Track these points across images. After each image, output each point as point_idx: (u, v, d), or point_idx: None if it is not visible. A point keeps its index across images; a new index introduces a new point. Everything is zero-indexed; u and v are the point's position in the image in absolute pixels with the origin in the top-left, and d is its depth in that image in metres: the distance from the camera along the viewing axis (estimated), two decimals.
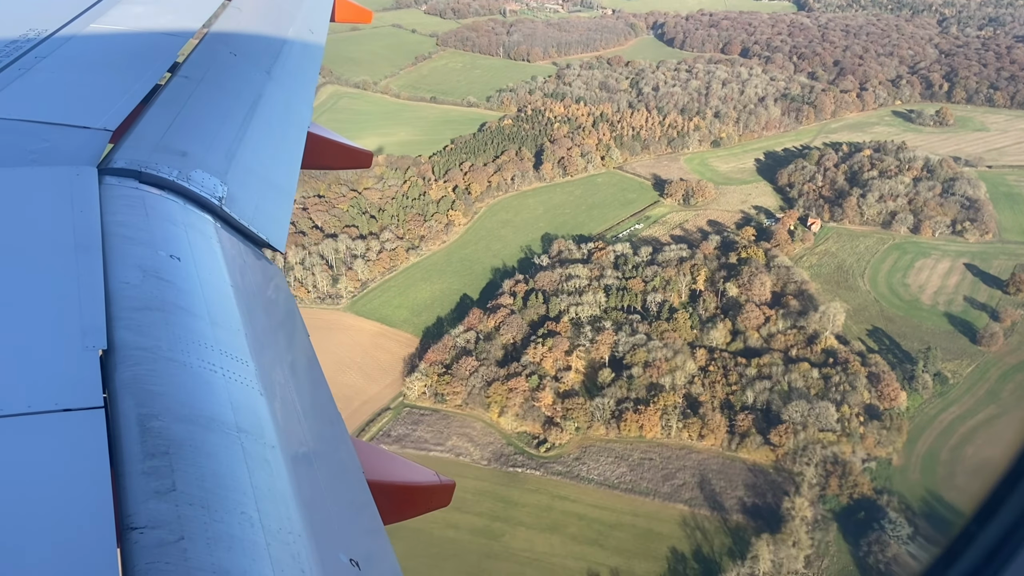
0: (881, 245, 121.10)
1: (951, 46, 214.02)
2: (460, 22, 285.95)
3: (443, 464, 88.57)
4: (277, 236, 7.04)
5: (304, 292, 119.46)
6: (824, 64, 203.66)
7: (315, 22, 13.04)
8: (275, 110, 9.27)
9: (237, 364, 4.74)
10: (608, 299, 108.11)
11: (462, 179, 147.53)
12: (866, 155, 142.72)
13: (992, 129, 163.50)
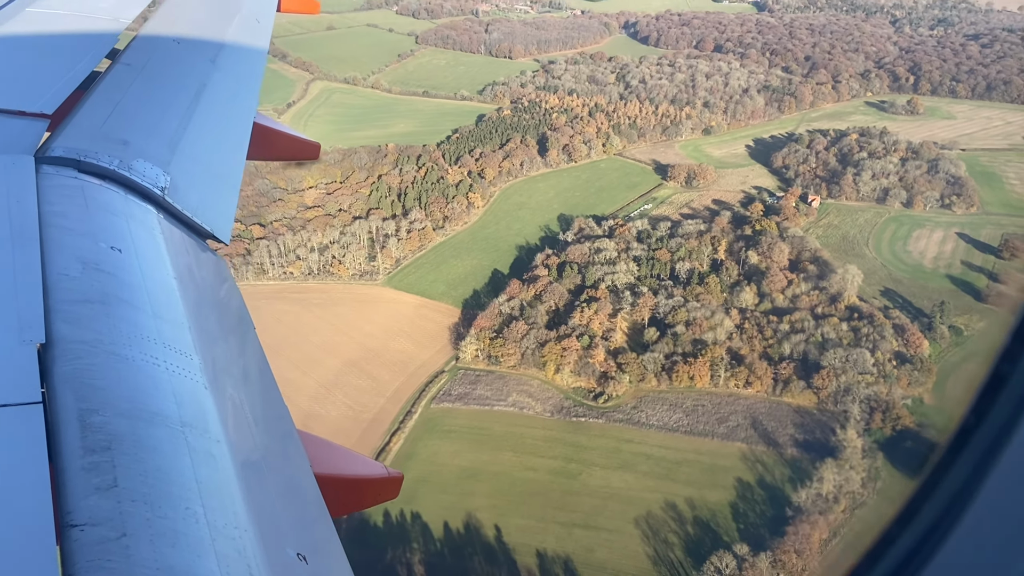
0: (879, 218, 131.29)
1: (909, 44, 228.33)
2: (435, 22, 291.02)
3: (509, 417, 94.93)
4: (222, 227, 6.96)
5: (343, 269, 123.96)
6: (796, 59, 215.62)
7: (261, 11, 12.86)
8: (220, 99, 9.08)
9: (181, 358, 4.65)
10: (640, 268, 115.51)
11: (474, 165, 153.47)
12: (853, 139, 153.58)
13: (959, 117, 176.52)
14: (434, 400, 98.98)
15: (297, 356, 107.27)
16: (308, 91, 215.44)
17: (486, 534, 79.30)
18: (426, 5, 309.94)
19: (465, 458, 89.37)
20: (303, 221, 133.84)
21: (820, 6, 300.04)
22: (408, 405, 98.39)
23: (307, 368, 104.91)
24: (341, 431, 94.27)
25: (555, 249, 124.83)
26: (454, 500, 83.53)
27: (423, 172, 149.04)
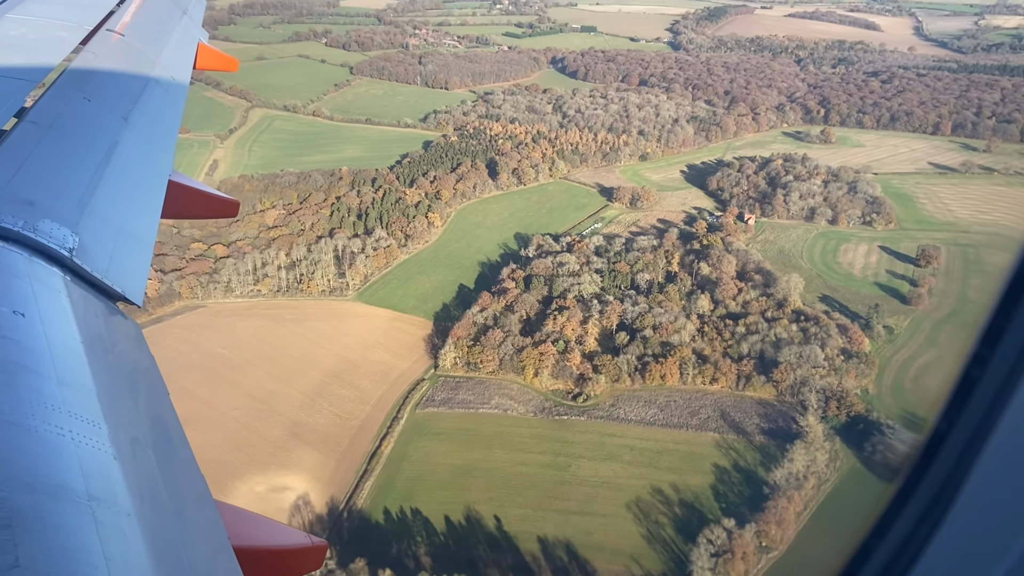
0: (809, 234, 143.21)
1: (816, 80, 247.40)
2: (367, 54, 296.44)
3: (494, 418, 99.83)
4: (134, 289, 6.84)
5: (314, 286, 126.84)
6: (717, 93, 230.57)
7: (177, 69, 12.82)
8: (133, 157, 9.02)
9: (88, 427, 4.50)
10: (603, 280, 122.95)
11: (430, 187, 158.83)
12: (779, 164, 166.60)
13: (867, 145, 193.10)
14: (419, 406, 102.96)
15: (277, 369, 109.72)
16: (248, 118, 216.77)
17: (487, 524, 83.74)
18: (356, 38, 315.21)
19: (457, 457, 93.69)
20: (267, 240, 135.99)
21: (730, 46, 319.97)
22: (393, 411, 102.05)
23: (289, 380, 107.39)
24: (331, 437, 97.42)
25: (519, 264, 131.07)
26: (451, 495, 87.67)
27: (381, 193, 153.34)
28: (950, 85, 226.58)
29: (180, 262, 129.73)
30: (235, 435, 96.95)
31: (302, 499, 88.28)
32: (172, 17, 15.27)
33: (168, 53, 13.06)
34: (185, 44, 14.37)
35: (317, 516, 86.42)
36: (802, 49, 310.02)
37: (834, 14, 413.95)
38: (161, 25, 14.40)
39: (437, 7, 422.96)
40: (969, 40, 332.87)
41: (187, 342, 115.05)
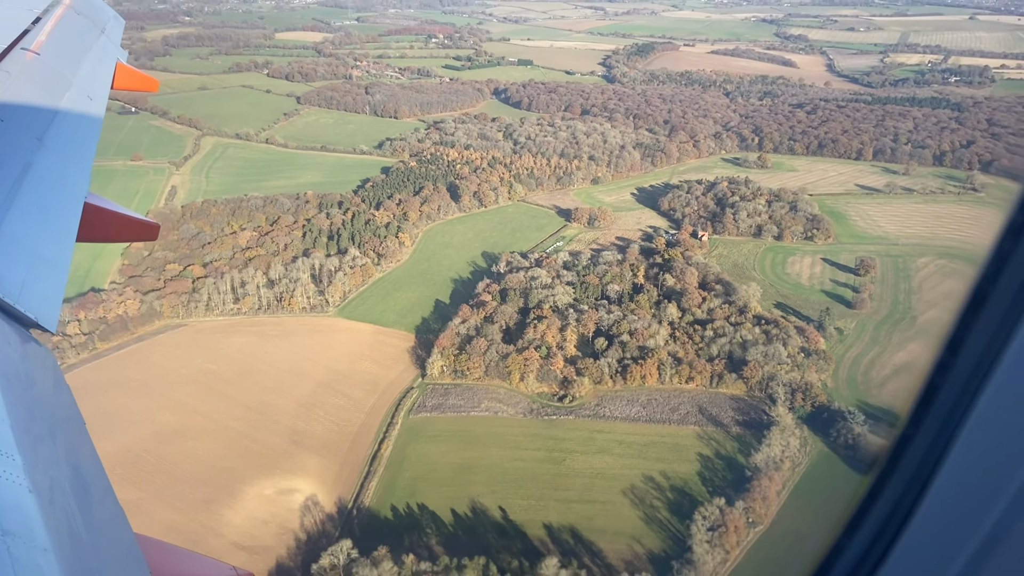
0: (758, 249, 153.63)
1: (746, 111, 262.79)
2: (311, 84, 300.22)
3: (485, 421, 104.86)
4: (48, 315, 6.72)
5: (295, 302, 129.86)
6: (657, 122, 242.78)
7: (94, 89, 12.65)
8: (47, 180, 8.75)
9: (2, 459, 4.40)
10: (575, 291, 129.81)
11: (396, 209, 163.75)
12: (724, 186, 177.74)
13: (800, 170, 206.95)
14: (411, 412, 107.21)
15: (268, 382, 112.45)
16: (200, 146, 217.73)
17: (493, 515, 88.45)
18: (299, 69, 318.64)
19: (455, 456, 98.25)
20: (244, 260, 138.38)
21: (662, 80, 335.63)
22: (387, 418, 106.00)
23: (281, 391, 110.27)
24: (331, 443, 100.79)
25: (492, 279, 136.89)
26: (455, 491, 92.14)
27: (350, 215, 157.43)
28: (867, 115, 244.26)
29: (157, 282, 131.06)
30: (236, 443, 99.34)
31: (311, 500, 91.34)
32: (89, 36, 14.90)
33: (85, 72, 12.85)
34: (103, 63, 14.11)
35: (327, 515, 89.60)
36: (729, 83, 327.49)
37: (753, 51, 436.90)
38: (78, 44, 14.03)
39: (374, 40, 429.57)
40: (877, 76, 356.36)
41: (174, 359, 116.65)
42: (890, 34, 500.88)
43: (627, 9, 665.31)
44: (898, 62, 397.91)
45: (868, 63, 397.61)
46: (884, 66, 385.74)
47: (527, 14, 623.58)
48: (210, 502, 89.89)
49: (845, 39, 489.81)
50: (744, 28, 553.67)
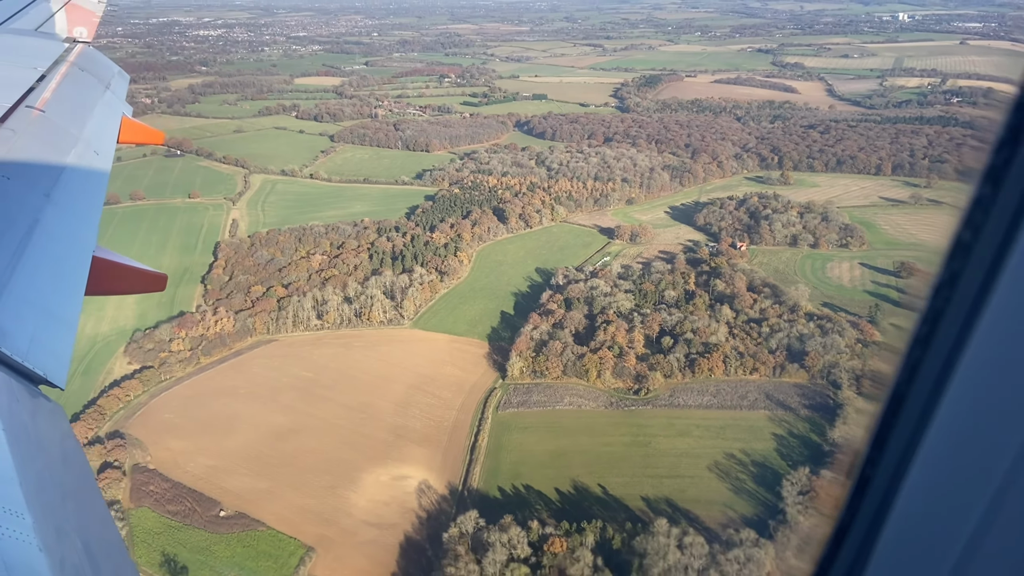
0: (796, 256, 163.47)
1: (761, 133, 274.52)
2: (339, 124, 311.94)
3: (570, 414, 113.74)
4: (56, 370, 6.76)
5: (374, 316, 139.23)
6: (678, 146, 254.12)
7: (101, 144, 12.84)
8: (55, 235, 8.89)
9: (10, 518, 4.40)
10: (634, 298, 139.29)
11: (450, 231, 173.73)
12: (755, 200, 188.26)
13: (822, 185, 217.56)
14: (498, 408, 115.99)
15: (363, 386, 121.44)
16: (250, 183, 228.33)
17: (594, 491, 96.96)
18: (326, 110, 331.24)
19: (548, 444, 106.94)
20: (321, 280, 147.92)
21: (674, 108, 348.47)
22: (477, 414, 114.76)
23: (376, 394, 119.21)
24: (430, 436, 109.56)
25: (553, 290, 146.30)
26: (554, 472, 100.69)
27: (409, 238, 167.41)
28: (880, 134, 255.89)
29: (246, 302, 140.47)
30: (346, 439, 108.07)
31: (423, 484, 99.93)
32: (94, 92, 15.28)
33: (91, 128, 13.10)
34: (108, 119, 14.46)
35: (441, 496, 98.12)
36: (738, 109, 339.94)
37: (754, 79, 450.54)
38: (83, 100, 14.40)
39: (389, 82, 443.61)
40: (879, 98, 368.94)
41: (273, 369, 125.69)
42: (884, 60, 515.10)
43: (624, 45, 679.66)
44: (898, 85, 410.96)
45: (868, 87, 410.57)
46: (884, 89, 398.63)
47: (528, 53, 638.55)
48: (334, 488, 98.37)
49: (841, 65, 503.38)
50: (741, 58, 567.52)
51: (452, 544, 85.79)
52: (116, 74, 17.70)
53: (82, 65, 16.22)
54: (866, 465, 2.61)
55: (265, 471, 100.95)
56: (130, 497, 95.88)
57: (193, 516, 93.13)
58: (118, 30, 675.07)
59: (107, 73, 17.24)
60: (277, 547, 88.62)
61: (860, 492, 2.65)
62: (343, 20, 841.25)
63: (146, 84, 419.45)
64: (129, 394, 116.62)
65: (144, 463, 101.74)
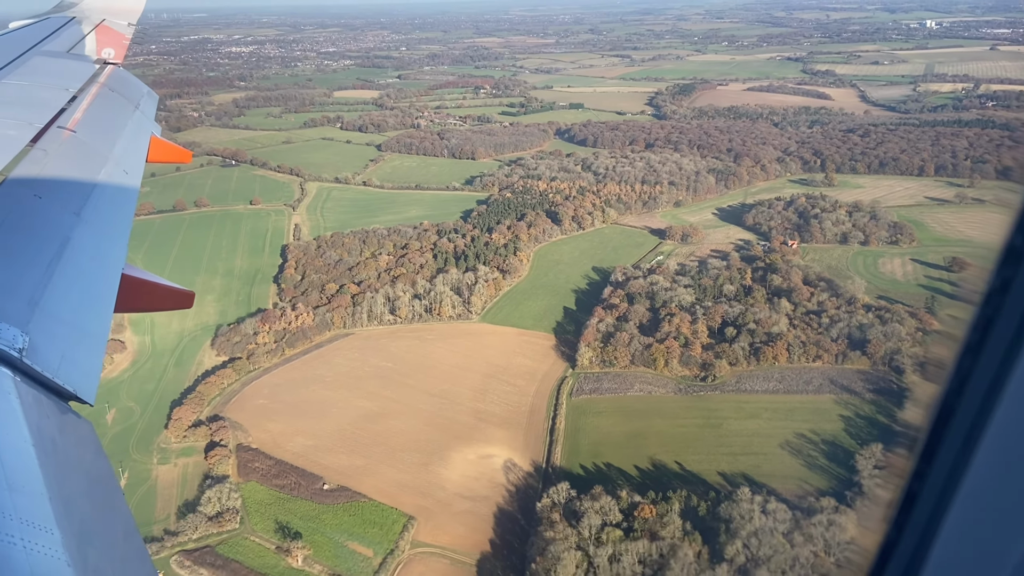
0: (847, 253, 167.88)
1: (801, 138, 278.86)
2: (384, 134, 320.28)
3: (642, 399, 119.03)
4: (86, 387, 6.87)
5: (444, 311, 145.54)
6: (720, 151, 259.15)
7: (130, 163, 13.01)
8: (85, 253, 9.04)
9: (40, 533, 4.44)
10: (694, 292, 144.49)
11: (507, 233, 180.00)
12: (803, 200, 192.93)
13: (866, 186, 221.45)
14: (571, 395, 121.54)
15: (440, 375, 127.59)
16: (306, 190, 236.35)
17: (672, 468, 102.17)
18: (370, 121, 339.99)
19: (624, 426, 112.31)
20: (389, 279, 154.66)
21: (710, 115, 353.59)
22: (552, 399, 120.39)
23: (454, 382, 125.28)
24: (510, 419, 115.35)
25: (613, 286, 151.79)
26: (632, 452, 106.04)
27: (469, 239, 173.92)
28: (920, 136, 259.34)
29: (322, 299, 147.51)
30: (431, 421, 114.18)
31: (508, 462, 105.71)
32: (124, 112, 15.52)
33: (120, 148, 13.28)
34: (137, 138, 14.66)
35: (526, 473, 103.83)
36: (774, 115, 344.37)
37: (786, 87, 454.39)
38: (113, 120, 14.62)
39: (427, 93, 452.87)
40: (913, 103, 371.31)
41: (353, 359, 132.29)
42: (915, 66, 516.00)
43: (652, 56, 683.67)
44: (931, 90, 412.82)
45: (901, 93, 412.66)
46: (918, 95, 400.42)
47: (556, 64, 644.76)
48: (426, 465, 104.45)
49: (872, 72, 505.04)
50: (771, 67, 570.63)
51: (546, 512, 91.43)
52: (145, 94, 18.11)
53: (112, 86, 16.68)
54: (915, 476, 2.65)
55: (359, 449, 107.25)
56: (238, 473, 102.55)
57: (299, 489, 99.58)
58: (152, 48, 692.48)
59: (136, 93, 17.59)
60: (380, 516, 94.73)
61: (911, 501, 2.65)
62: (370, 35, 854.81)
63: (190, 99, 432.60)
64: (223, 382, 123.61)
65: (247, 443, 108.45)
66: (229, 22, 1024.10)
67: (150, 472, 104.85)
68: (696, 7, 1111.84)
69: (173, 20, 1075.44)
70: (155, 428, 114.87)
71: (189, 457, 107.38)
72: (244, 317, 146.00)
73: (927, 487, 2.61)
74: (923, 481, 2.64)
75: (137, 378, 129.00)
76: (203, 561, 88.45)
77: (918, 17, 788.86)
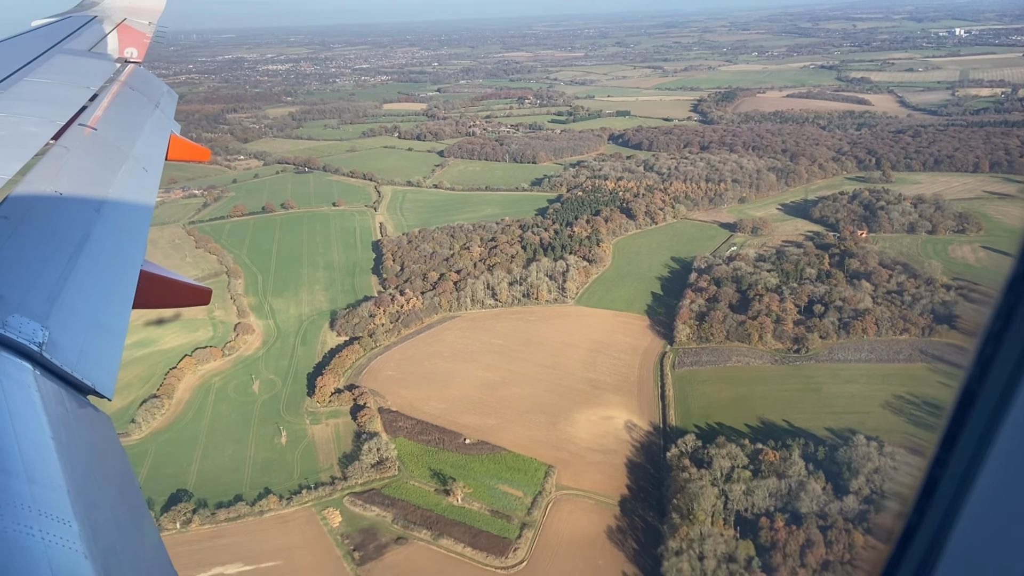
0: (916, 241, 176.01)
1: (852, 139, 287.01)
2: (442, 142, 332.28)
3: (741, 369, 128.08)
4: (104, 381, 6.94)
5: (542, 295, 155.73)
6: (775, 152, 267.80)
7: (150, 160, 13.14)
8: (104, 249, 9.15)
9: (58, 525, 4.50)
10: (778, 276, 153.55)
11: (586, 226, 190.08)
12: (866, 194, 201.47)
13: (923, 183, 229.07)
14: (674, 367, 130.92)
15: (548, 350, 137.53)
16: (382, 193, 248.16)
17: (781, 425, 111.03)
18: (427, 130, 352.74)
19: (728, 392, 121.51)
20: (484, 268, 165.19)
21: (757, 119, 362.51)
22: (656, 370, 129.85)
23: (563, 355, 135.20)
24: (621, 387, 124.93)
25: (699, 272, 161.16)
26: (740, 413, 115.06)
27: (552, 232, 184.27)
28: (971, 136, 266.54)
29: (425, 286, 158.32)
30: (550, 388, 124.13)
31: (628, 422, 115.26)
32: (144, 111, 15.89)
33: (140, 145, 13.50)
34: (157, 136, 14.96)
35: (646, 431, 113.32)
36: (820, 119, 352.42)
37: (825, 93, 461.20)
38: (133, 119, 14.93)
39: (473, 104, 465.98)
40: (955, 107, 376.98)
41: (465, 337, 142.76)
42: (949, 72, 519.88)
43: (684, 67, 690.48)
44: (971, 95, 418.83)
45: (940, 98, 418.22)
46: (957, 99, 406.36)
47: (590, 76, 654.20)
48: (554, 424, 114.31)
49: (907, 79, 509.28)
50: (805, 75, 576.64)
51: (675, 460, 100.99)
52: (165, 93, 18.28)
53: (133, 84, 16.88)
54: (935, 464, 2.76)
55: (489, 412, 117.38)
56: (384, 430, 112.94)
57: (443, 443, 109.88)
58: (190, 67, 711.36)
59: (156, 92, 17.79)
60: (522, 465, 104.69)
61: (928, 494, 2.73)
62: (399, 52, 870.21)
63: (246, 113, 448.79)
64: (352, 356, 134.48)
65: (386, 406, 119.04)
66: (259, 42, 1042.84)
67: (306, 431, 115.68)
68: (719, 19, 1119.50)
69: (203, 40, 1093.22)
70: (298, 396, 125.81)
71: (337, 419, 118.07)
72: (353, 303, 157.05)
73: (944, 481, 2.74)
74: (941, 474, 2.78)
75: (271, 355, 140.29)
76: (372, 500, 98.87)
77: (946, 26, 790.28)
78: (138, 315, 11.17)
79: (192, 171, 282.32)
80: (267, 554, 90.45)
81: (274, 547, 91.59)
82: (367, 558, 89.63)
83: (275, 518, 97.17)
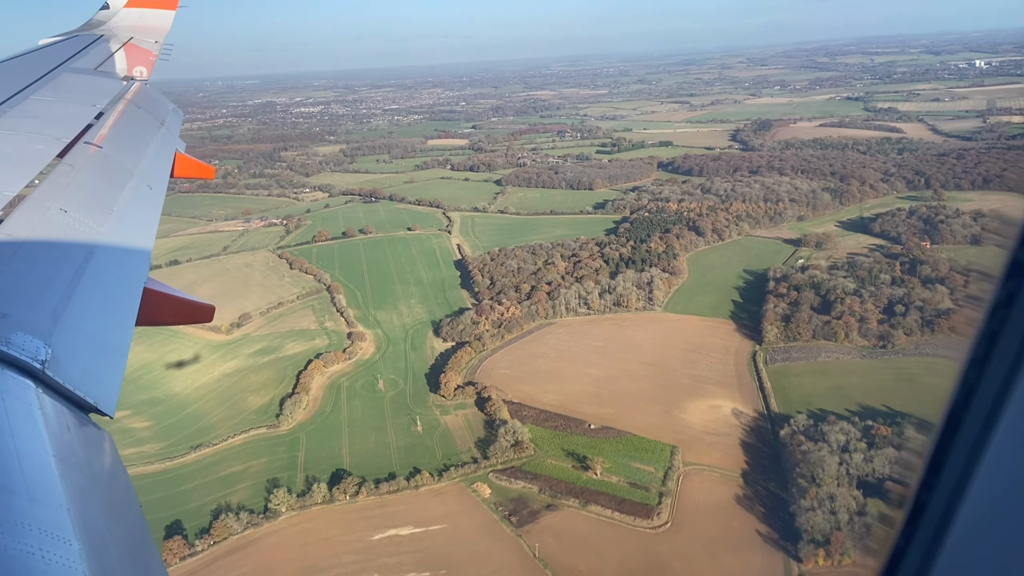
0: (982, 252, 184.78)
1: (897, 162, 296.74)
2: (495, 173, 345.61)
3: (831, 364, 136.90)
4: (106, 399, 6.97)
5: (632, 303, 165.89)
6: (824, 174, 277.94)
7: (155, 178, 13.31)
8: (108, 267, 9.24)
9: (59, 544, 4.52)
10: (854, 281, 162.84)
11: (660, 243, 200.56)
12: (923, 209, 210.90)
13: (974, 200, 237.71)
14: (767, 363, 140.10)
15: (647, 350, 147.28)
16: (451, 219, 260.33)
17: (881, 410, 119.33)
18: (480, 161, 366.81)
19: (823, 383, 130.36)
20: (573, 280, 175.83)
21: (797, 147, 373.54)
22: (751, 366, 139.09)
23: (662, 355, 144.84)
24: (722, 381, 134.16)
25: (776, 280, 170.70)
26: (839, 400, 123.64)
27: (630, 247, 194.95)
28: (1016, 158, 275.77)
29: (520, 296, 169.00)
30: (657, 382, 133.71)
31: (735, 410, 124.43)
32: (149, 129, 16.02)
33: (146, 163, 13.65)
34: (162, 154, 15.14)
35: (752, 417, 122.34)
36: (859, 145, 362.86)
37: (856, 122, 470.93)
38: (138, 137, 15.07)
39: (515, 138, 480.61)
40: (988, 133, 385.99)
41: (566, 340, 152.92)
42: (976, 102, 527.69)
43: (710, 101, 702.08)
44: (1003, 122, 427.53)
45: (971, 125, 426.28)
46: (990, 126, 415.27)
47: (618, 112, 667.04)
48: (667, 412, 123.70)
49: (934, 108, 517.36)
50: (832, 106, 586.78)
51: (789, 438, 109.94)
52: (171, 111, 18.47)
53: (139, 103, 16.98)
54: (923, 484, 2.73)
55: (605, 403, 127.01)
56: (511, 418, 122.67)
57: (569, 428, 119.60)
58: (224, 111, 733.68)
59: (162, 110, 17.99)
60: (647, 445, 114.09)
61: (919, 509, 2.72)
62: (425, 93, 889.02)
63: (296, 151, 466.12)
64: (465, 357, 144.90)
65: (508, 399, 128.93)
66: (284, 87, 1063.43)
67: (438, 421, 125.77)
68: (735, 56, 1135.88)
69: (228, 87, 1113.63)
70: (422, 392, 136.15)
71: (464, 410, 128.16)
72: (452, 314, 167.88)
73: (935, 495, 2.72)
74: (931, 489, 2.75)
75: (386, 359, 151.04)
76: (516, 476, 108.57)
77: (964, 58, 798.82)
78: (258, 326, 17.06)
79: (263, 204, 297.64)
80: (432, 519, 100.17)
81: (436, 514, 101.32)
82: (523, 522, 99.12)
83: (430, 491, 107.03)
